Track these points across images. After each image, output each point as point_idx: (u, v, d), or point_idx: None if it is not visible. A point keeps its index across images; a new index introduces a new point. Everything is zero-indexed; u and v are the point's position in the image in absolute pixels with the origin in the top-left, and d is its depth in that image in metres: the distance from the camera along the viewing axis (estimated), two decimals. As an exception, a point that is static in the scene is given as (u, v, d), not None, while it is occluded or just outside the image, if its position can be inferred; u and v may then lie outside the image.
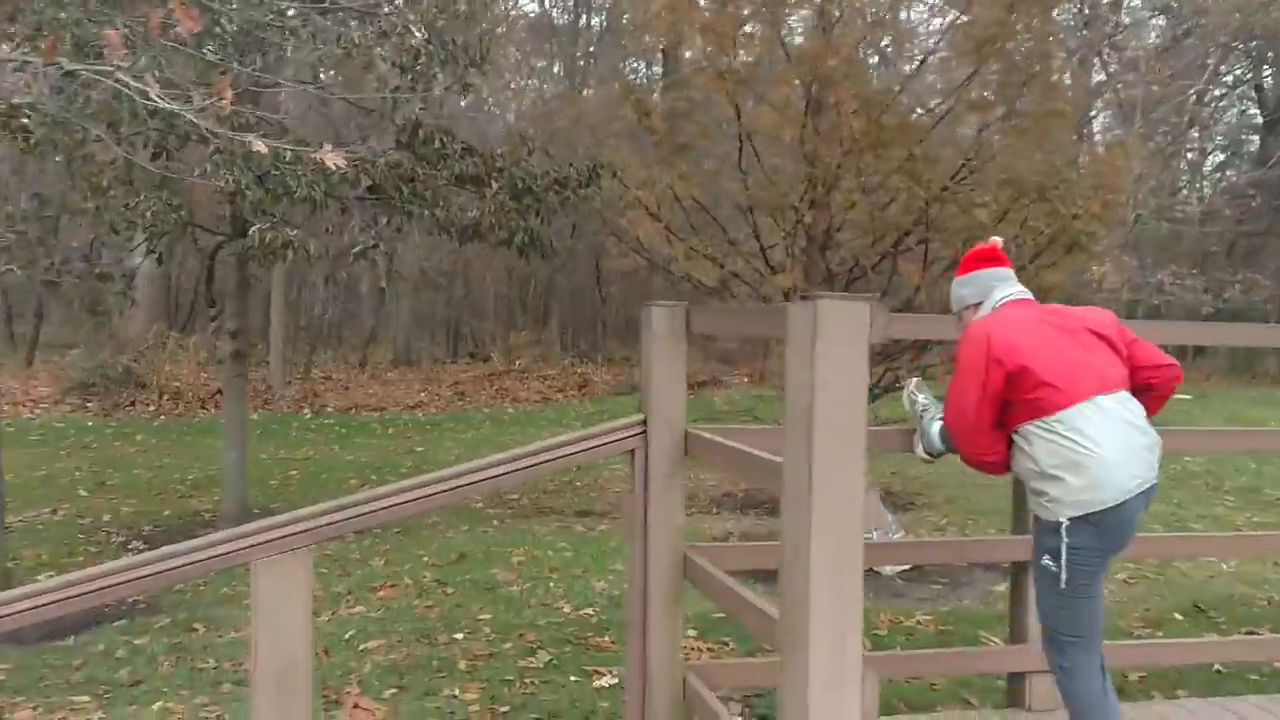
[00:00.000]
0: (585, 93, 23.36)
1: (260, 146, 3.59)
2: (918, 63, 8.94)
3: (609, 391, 21.56)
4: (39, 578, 6.21)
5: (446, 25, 6.93)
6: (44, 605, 2.98)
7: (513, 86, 25.54)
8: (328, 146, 3.89)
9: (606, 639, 5.55)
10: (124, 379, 17.68)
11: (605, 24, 26.47)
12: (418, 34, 6.28)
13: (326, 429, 16.85)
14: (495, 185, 7.64)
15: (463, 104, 17.00)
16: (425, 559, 7.47)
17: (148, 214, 6.77)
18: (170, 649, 5.51)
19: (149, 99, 3.42)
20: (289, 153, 5.97)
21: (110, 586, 2.98)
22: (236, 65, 5.97)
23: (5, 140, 6.14)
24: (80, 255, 7.58)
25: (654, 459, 3.41)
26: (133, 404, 17.25)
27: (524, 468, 3.34)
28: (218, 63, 5.61)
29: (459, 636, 5.64)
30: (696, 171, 8.08)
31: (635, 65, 25.47)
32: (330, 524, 3.12)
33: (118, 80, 3.45)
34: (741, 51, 7.52)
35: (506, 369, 22.46)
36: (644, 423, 3.42)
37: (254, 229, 6.76)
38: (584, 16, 27.33)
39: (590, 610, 6.15)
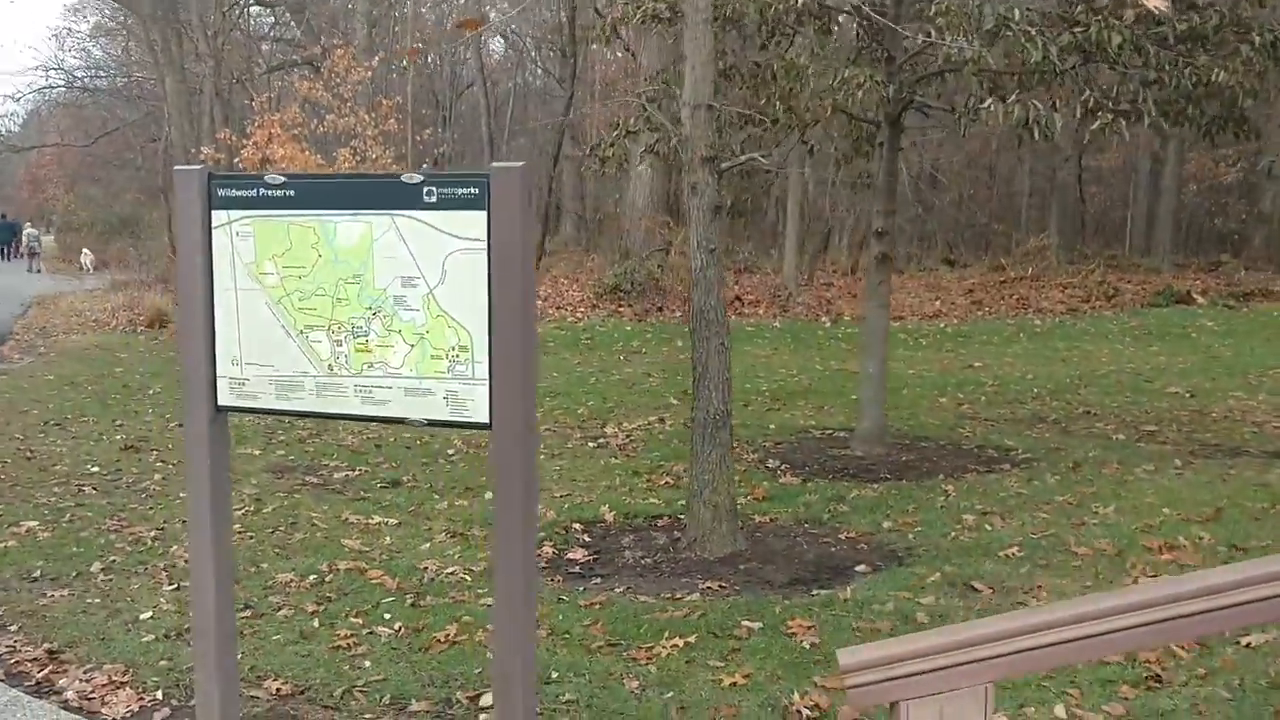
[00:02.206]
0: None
1: None
2: None
3: (1142, 303, 18.92)
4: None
5: None
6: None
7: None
8: None
9: None
10: (645, 283, 17.89)
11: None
12: None
13: (850, 338, 15.98)
14: (1256, 39, 5.91)
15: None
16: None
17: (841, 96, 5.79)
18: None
19: None
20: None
21: None
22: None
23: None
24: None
25: None
26: (660, 309, 17.43)
27: None
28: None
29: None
30: None
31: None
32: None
33: None
34: None
35: (1020, 275, 20.43)
36: None
37: (986, 104, 5.58)
38: None
39: None
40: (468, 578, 4.99)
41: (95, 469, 7.31)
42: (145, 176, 34.51)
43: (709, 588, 4.80)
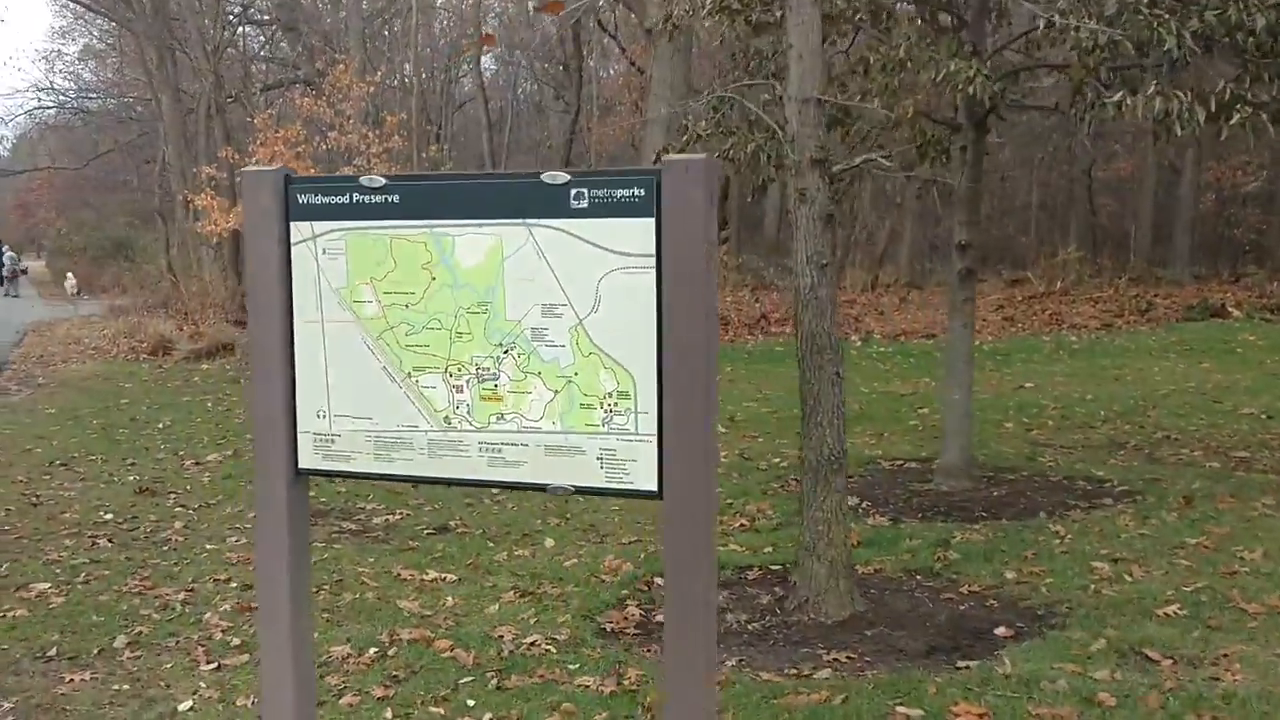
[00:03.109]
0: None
1: None
2: None
3: (1177, 317, 18.36)
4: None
5: None
6: None
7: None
8: None
9: None
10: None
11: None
12: None
13: (885, 357, 15.37)
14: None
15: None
16: None
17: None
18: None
19: None
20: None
21: None
22: None
23: None
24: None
25: None
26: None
27: None
28: None
29: None
30: None
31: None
32: None
33: None
34: None
35: (1048, 291, 19.84)
36: None
37: (1116, 97, 4.96)
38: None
39: None
40: (552, 649, 4.31)
41: (109, 516, 6.62)
42: (140, 199, 33.86)
43: (837, 660, 4.13)
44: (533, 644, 4.36)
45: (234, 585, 5.23)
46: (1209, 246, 28.73)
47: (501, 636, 4.45)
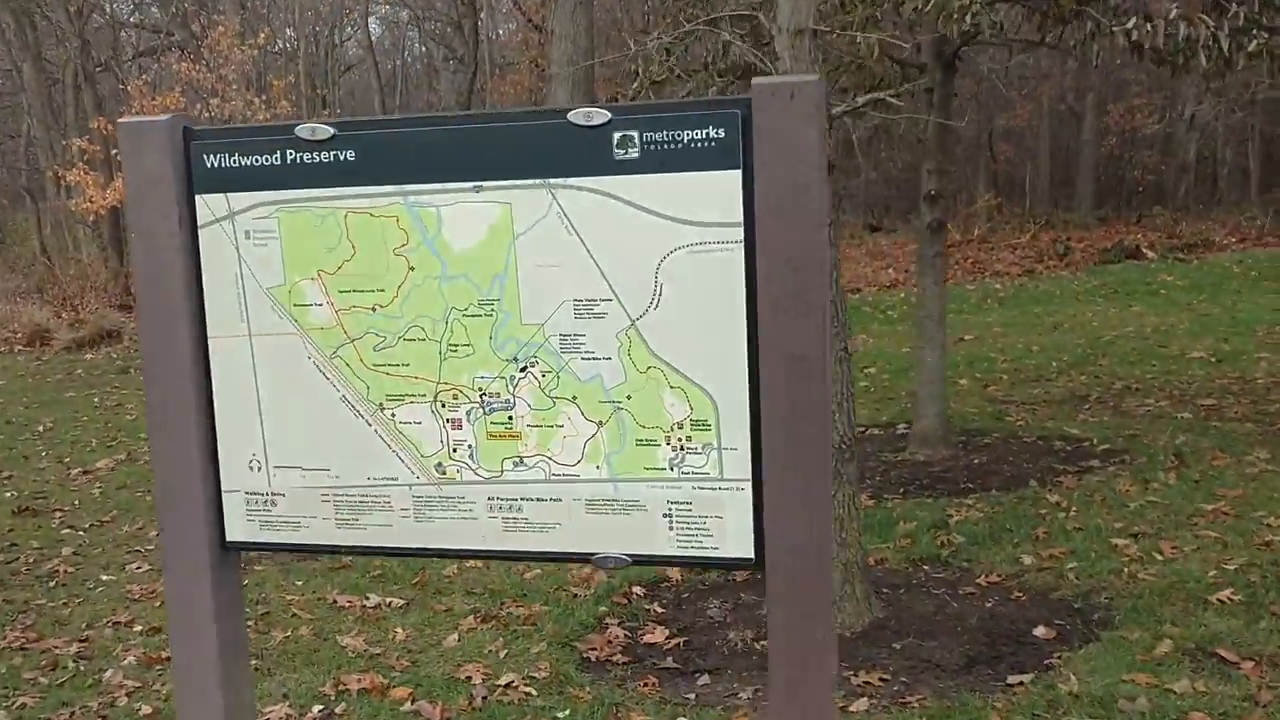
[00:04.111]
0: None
1: None
2: None
3: (1095, 260, 18.37)
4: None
5: None
6: None
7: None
8: None
9: None
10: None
11: None
12: None
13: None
14: None
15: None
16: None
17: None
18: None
19: None
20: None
21: None
22: None
23: None
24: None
25: None
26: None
27: None
28: None
29: None
30: None
31: None
32: None
33: None
34: None
35: (965, 239, 19.66)
36: None
37: (1129, 24, 4.40)
38: None
39: None
40: (532, 690, 3.64)
41: (-20, 546, 5.70)
42: (5, 176, 31.55)
43: (869, 685, 3.55)
44: (508, 686, 3.68)
45: (138, 629, 4.42)
46: (1109, 189, 29.13)
47: (469, 678, 3.76)
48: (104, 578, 5.13)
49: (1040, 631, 3.90)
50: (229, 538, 1.81)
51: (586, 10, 19.17)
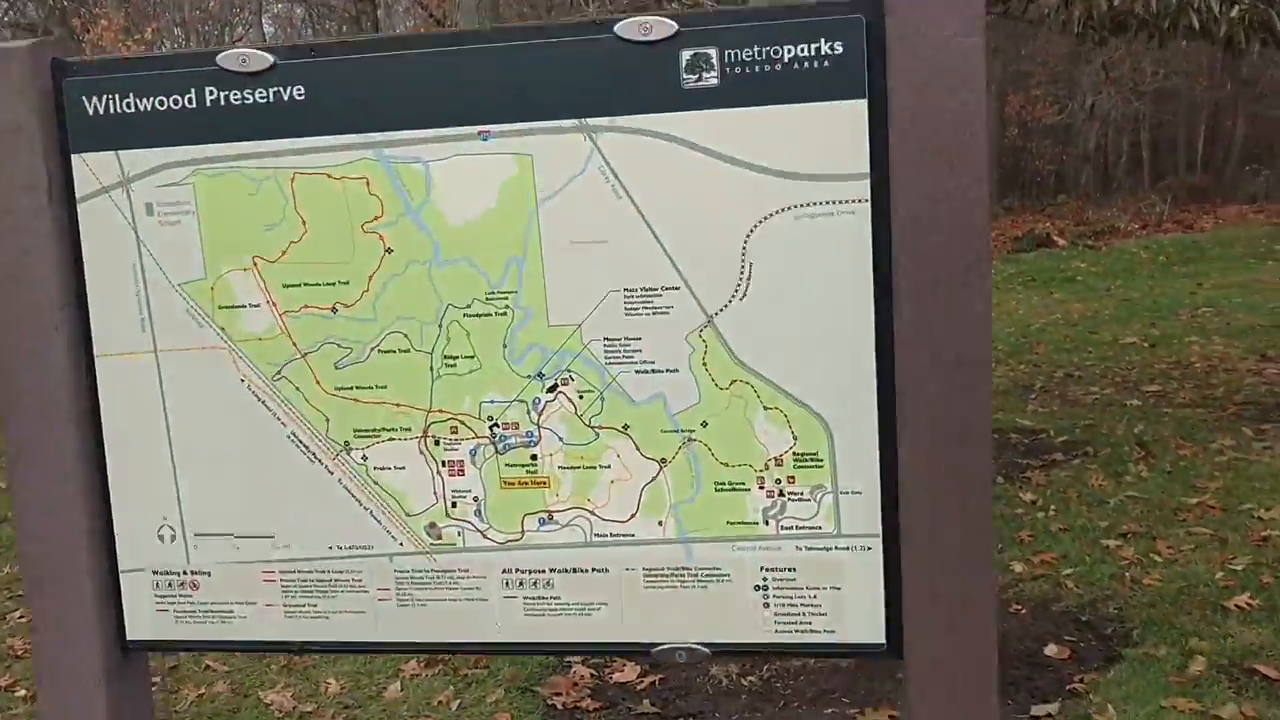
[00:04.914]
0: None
1: None
2: None
3: (1008, 249, 18.58)
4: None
5: None
6: None
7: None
8: None
9: None
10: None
11: None
12: None
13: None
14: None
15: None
16: None
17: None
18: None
19: None
20: None
21: None
22: None
23: None
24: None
25: None
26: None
27: None
28: None
29: None
30: None
31: None
32: None
33: None
34: None
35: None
36: None
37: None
38: None
39: None
40: (497, 751, 3.15)
41: None
42: None
43: (881, 723, 3.15)
44: (470, 748, 3.18)
45: (21, 694, 3.79)
46: (1011, 179, 29.70)
47: (422, 740, 3.25)
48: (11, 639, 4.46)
49: (1052, 650, 3.55)
50: (130, 635, 1.29)
51: (492, 3, 18.64)
